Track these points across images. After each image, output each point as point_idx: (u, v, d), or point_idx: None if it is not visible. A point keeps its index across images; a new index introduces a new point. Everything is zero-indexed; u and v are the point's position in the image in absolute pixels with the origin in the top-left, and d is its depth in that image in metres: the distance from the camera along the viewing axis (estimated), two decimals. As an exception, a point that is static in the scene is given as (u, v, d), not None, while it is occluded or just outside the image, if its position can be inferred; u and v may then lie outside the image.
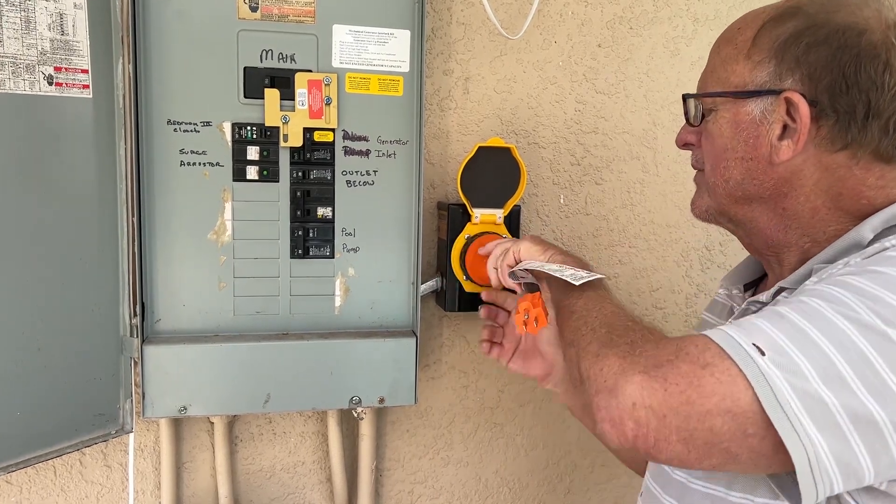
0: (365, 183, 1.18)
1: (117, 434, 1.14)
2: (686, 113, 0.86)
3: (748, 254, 0.92)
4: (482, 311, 1.18)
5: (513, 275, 1.06)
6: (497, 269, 1.08)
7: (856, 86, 0.71)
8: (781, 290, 0.78)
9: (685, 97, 0.86)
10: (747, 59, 0.78)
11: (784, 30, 0.75)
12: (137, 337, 1.11)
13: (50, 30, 1.00)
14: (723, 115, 0.80)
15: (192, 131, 1.11)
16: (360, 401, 1.19)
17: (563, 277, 0.92)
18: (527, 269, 1.01)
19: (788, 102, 0.74)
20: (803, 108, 0.73)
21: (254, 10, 1.10)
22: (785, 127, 0.75)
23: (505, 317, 1.17)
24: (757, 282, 0.93)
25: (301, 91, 1.12)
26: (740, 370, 0.60)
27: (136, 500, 1.26)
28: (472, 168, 1.19)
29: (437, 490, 1.42)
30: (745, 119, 0.78)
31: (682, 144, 0.89)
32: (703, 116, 0.83)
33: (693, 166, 0.89)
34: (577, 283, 0.91)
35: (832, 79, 0.72)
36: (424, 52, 1.16)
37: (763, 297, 0.80)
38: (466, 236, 1.22)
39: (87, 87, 1.04)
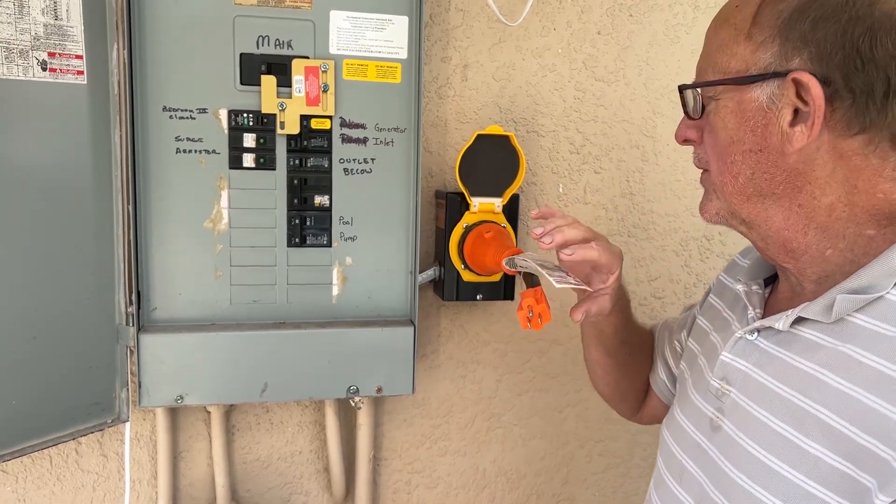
0: (363, 171, 1.17)
1: (113, 423, 1.13)
2: (684, 106, 0.79)
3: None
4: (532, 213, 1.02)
5: (510, 262, 1.05)
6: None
7: (872, 62, 0.64)
8: (801, 319, 0.72)
9: (682, 88, 0.79)
10: (748, 40, 0.71)
11: (787, 4, 0.68)
12: (133, 326, 1.10)
13: (44, 14, 0.98)
14: (725, 105, 0.73)
15: (187, 118, 1.10)
16: (357, 390, 1.18)
17: (549, 278, 0.91)
18: (525, 261, 1.01)
19: (798, 84, 0.67)
20: (815, 88, 0.66)
21: (250, -5, 1.09)
22: (796, 112, 0.68)
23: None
24: (776, 276, 0.86)
25: (298, 78, 1.11)
26: None
27: (132, 490, 1.26)
28: (471, 156, 1.18)
29: (434, 480, 1.42)
30: (751, 107, 0.71)
31: (682, 141, 0.81)
32: (704, 108, 0.76)
33: (696, 166, 0.81)
34: (556, 286, 0.89)
35: (844, 55, 0.65)
36: (423, 38, 1.15)
37: (778, 324, 0.73)
38: (465, 225, 1.21)
39: (82, 73, 1.03)
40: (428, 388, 1.38)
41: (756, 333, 0.77)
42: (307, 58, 1.12)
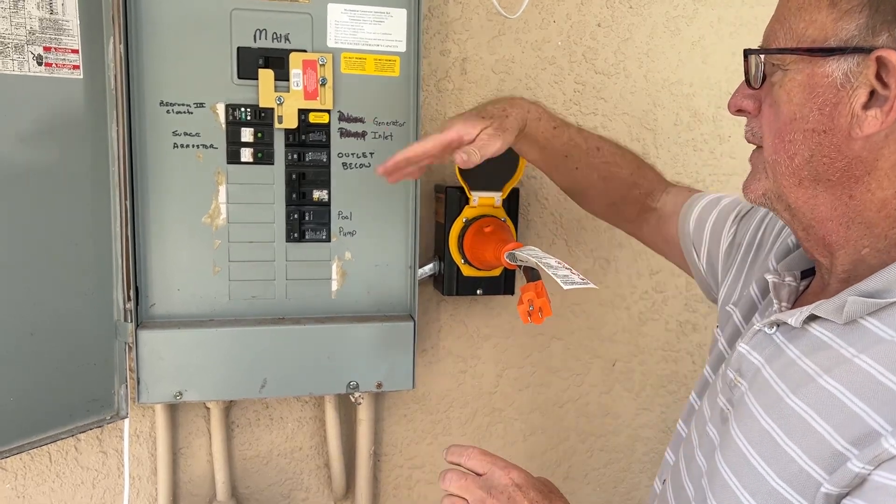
0: (361, 165, 1.17)
1: (112, 420, 1.13)
2: (746, 72, 0.72)
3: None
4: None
5: (512, 256, 1.05)
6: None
7: None
8: (814, 317, 0.69)
9: (747, 53, 0.71)
10: (831, 7, 0.64)
11: None
12: (132, 322, 1.10)
13: (39, 9, 0.98)
14: (793, 77, 0.67)
15: (185, 113, 1.09)
16: (357, 385, 1.18)
17: (556, 279, 0.90)
18: (526, 255, 1.00)
19: (881, 63, 0.61)
20: None
21: (247, -12, 1.08)
22: (871, 93, 0.63)
23: None
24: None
25: (296, 72, 1.10)
26: None
27: (132, 486, 1.26)
28: (470, 150, 1.17)
29: (434, 475, 1.42)
30: (823, 82, 0.65)
31: (736, 110, 0.75)
32: (766, 77, 0.70)
33: (749, 140, 0.75)
34: (565, 287, 0.89)
35: None
36: (421, 31, 1.14)
37: (792, 320, 0.70)
38: (464, 219, 1.21)
39: (78, 67, 1.02)
40: (428, 383, 1.37)
41: (775, 327, 0.74)
42: (305, 51, 1.11)
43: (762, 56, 0.70)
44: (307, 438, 1.33)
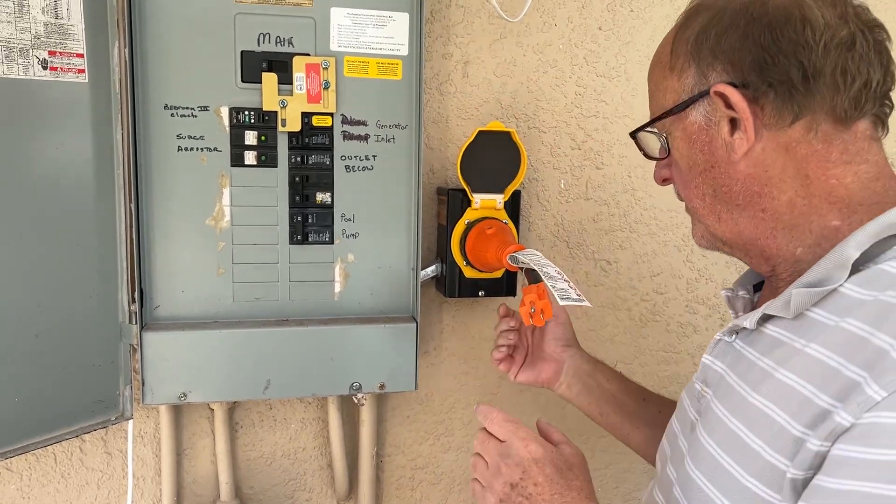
0: (364, 168, 1.17)
1: (117, 421, 1.14)
2: (642, 151, 0.84)
3: None
4: (501, 309, 1.14)
5: (513, 258, 1.06)
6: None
7: (780, 53, 0.68)
8: (767, 317, 0.73)
9: (633, 134, 0.83)
10: (672, 72, 0.76)
11: (692, 30, 0.73)
12: (136, 323, 1.11)
13: (44, 13, 0.98)
14: (676, 136, 0.77)
15: (189, 116, 1.10)
16: (360, 387, 1.18)
17: (553, 291, 0.92)
18: (528, 259, 1.01)
19: (722, 96, 0.71)
20: (734, 94, 0.70)
21: (250, -8, 1.09)
22: (733, 121, 0.72)
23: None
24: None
25: (299, 75, 1.11)
26: None
27: (136, 487, 1.26)
28: (472, 152, 1.18)
29: (437, 476, 1.42)
30: (694, 129, 0.75)
31: (662, 181, 0.85)
32: (667, 146, 0.80)
33: (679, 199, 0.85)
34: (561, 303, 0.90)
35: (753, 56, 0.69)
36: (423, 35, 1.15)
37: (747, 322, 0.75)
38: (466, 221, 1.21)
39: (83, 71, 1.03)
40: (431, 384, 1.38)
41: (734, 335, 0.78)
42: (308, 55, 1.12)
43: (646, 131, 0.81)
44: (310, 439, 1.34)
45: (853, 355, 0.61)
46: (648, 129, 0.80)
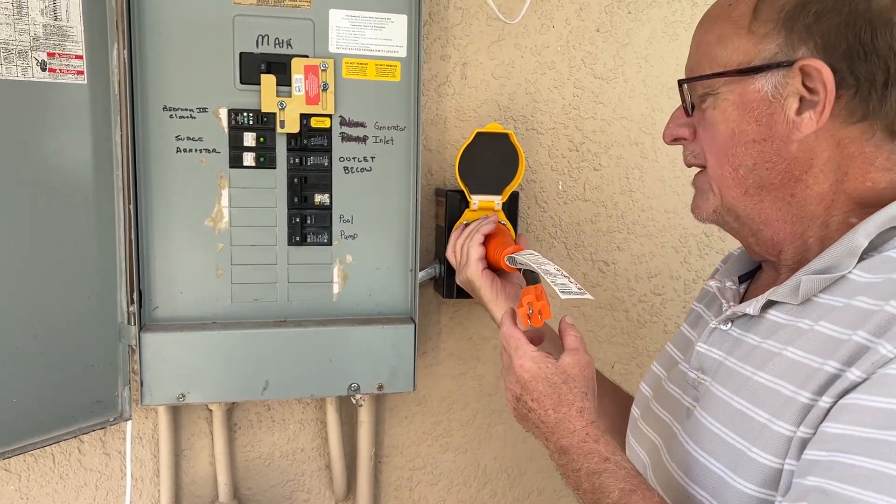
0: (362, 169, 1.18)
1: (115, 421, 1.14)
2: (683, 101, 0.80)
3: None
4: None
5: (512, 259, 1.06)
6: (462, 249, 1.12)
7: (874, 52, 0.67)
8: (771, 303, 0.74)
9: (681, 82, 0.79)
10: (749, 34, 0.72)
11: (788, 1, 0.70)
12: (135, 324, 1.11)
13: (43, 15, 0.99)
14: (726, 98, 0.74)
15: (187, 117, 1.10)
16: (358, 387, 1.19)
17: (554, 286, 0.92)
18: (526, 260, 1.01)
19: (804, 72, 0.69)
20: (826, 73, 0.68)
21: (249, -6, 1.09)
22: (801, 100, 0.70)
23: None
24: (753, 272, 0.89)
25: (297, 77, 1.11)
26: None
27: (134, 488, 1.27)
28: (471, 154, 1.18)
29: (435, 476, 1.43)
30: (755, 98, 0.72)
31: (672, 140, 0.82)
32: (694, 105, 0.78)
33: (690, 163, 0.82)
34: (562, 297, 0.91)
35: (848, 45, 0.68)
36: (422, 36, 1.15)
37: (750, 308, 0.75)
38: (465, 223, 1.22)
39: (82, 73, 1.04)
40: (429, 385, 1.38)
41: (730, 324, 0.79)
42: (307, 56, 1.12)
43: (686, 87, 0.78)
44: (309, 440, 1.34)
45: (863, 324, 0.62)
46: (703, 81, 0.76)
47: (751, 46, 0.73)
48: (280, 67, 1.11)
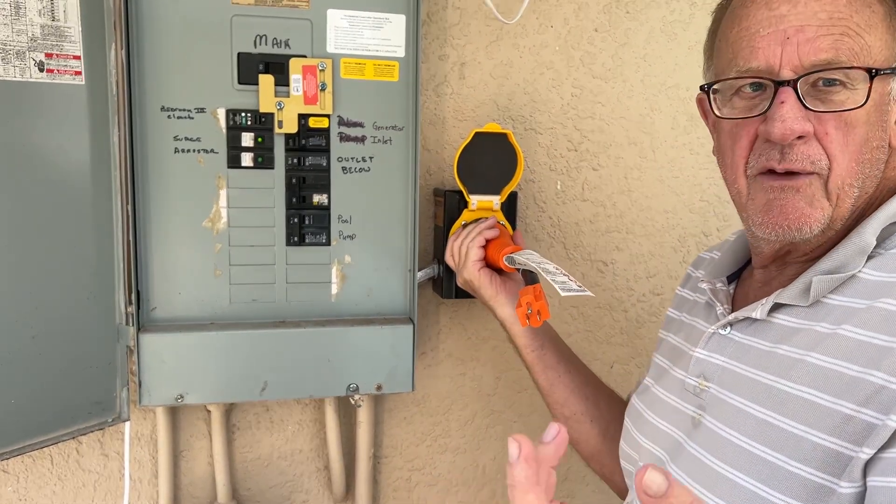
0: (361, 169, 1.17)
1: (114, 422, 1.14)
2: (797, 91, 0.65)
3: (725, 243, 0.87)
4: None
5: (510, 259, 1.06)
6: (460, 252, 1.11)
7: None
8: (778, 306, 0.71)
9: (875, 73, 0.64)
10: (889, 30, 0.65)
11: None
12: (133, 325, 1.11)
13: (40, 15, 0.99)
14: (871, 97, 0.64)
15: (185, 118, 1.10)
16: (357, 388, 1.18)
17: (553, 284, 0.91)
18: (525, 259, 1.01)
19: None
20: None
21: (247, -6, 1.09)
22: None
23: None
24: (739, 272, 0.86)
25: (296, 77, 1.11)
26: None
27: (133, 489, 1.26)
28: (469, 154, 1.18)
29: (434, 477, 1.42)
30: (886, 100, 0.65)
31: (797, 137, 0.65)
32: (815, 96, 0.66)
33: (805, 171, 0.66)
34: (562, 294, 0.90)
35: None
36: (420, 36, 1.15)
37: (755, 313, 0.72)
38: (463, 223, 1.22)
39: (80, 73, 1.03)
40: (427, 385, 1.38)
41: (729, 328, 0.77)
42: (305, 57, 1.12)
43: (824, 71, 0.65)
44: (307, 441, 1.34)
45: None
46: (856, 70, 0.64)
47: (893, 42, 0.65)
48: (278, 67, 1.11)
